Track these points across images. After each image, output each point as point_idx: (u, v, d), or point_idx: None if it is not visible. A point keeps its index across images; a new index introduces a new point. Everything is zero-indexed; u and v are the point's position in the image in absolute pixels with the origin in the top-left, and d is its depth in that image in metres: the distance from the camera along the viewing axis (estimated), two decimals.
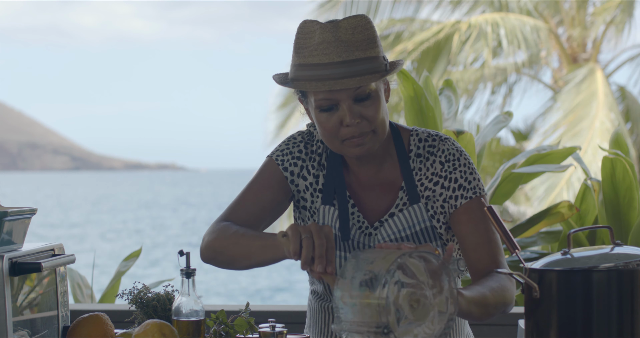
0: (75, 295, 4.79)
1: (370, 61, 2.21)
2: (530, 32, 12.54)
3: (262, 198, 2.40)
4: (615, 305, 2.01)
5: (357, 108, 2.23)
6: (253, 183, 2.43)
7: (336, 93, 2.22)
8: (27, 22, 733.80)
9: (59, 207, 63.07)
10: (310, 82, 2.20)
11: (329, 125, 2.26)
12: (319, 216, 2.40)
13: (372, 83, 2.23)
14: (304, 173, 2.42)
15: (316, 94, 2.24)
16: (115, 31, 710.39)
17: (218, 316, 2.46)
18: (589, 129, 11.76)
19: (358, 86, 2.21)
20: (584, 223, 4.46)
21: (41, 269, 2.36)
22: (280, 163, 2.42)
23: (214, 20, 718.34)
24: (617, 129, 4.50)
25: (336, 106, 2.24)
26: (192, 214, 56.32)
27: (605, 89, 12.33)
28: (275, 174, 2.42)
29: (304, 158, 2.43)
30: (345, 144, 2.27)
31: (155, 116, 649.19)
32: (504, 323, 3.73)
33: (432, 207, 2.36)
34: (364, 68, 2.20)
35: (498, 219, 2.25)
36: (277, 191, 2.41)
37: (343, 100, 2.23)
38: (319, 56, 2.20)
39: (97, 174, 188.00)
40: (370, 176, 2.40)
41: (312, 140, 2.45)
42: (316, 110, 2.27)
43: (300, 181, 2.42)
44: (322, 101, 2.24)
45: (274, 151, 2.46)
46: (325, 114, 2.25)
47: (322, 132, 2.29)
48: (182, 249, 2.44)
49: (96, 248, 32.40)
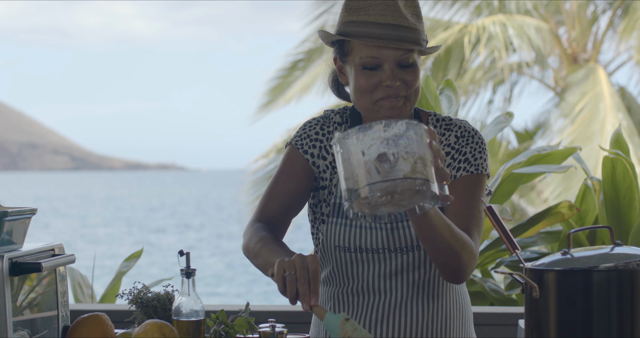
0: (75, 294, 4.79)
1: (418, 33, 2.33)
2: (535, 33, 12.55)
3: (289, 188, 2.47)
4: (615, 305, 2.01)
5: (398, 72, 2.33)
6: (278, 174, 2.50)
7: (384, 54, 2.31)
8: (28, 23, 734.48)
9: (59, 207, 63.07)
10: (364, 38, 2.30)
11: (368, 84, 2.34)
12: (339, 190, 2.45)
13: (414, 54, 2.34)
14: (322, 153, 2.49)
15: (363, 51, 2.33)
16: (117, 32, 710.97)
17: (218, 316, 2.46)
18: (601, 132, 11.73)
19: (406, 52, 2.32)
20: (584, 223, 4.46)
21: (41, 269, 2.36)
22: (300, 147, 2.49)
23: (216, 20, 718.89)
24: (617, 129, 4.50)
25: (380, 66, 2.33)
26: (192, 214, 56.32)
27: (610, 90, 12.32)
28: (298, 160, 2.49)
29: (322, 139, 2.49)
30: (377, 104, 2.36)
31: (156, 116, 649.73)
32: (504, 323, 3.73)
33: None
34: (413, 37, 2.31)
35: (498, 219, 2.25)
36: (302, 177, 2.48)
37: (388, 62, 2.32)
38: (375, 15, 2.30)
39: (97, 174, 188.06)
40: None
41: (329, 122, 2.52)
42: (358, 67, 2.35)
43: (320, 161, 2.49)
44: (369, 59, 2.32)
45: (293, 137, 2.53)
46: (367, 72, 2.34)
47: (358, 89, 2.37)
48: (182, 249, 2.45)
49: (96, 248, 32.39)
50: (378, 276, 2.41)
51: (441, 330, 2.44)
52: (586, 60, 13.53)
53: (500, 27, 12.34)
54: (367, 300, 2.43)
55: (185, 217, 53.73)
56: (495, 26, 12.34)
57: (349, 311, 2.44)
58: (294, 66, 13.33)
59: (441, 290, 2.44)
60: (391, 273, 2.40)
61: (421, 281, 2.41)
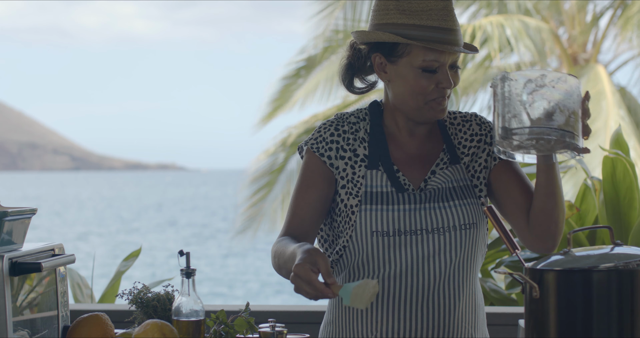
0: (75, 295, 4.79)
1: (461, 36, 2.48)
2: (534, 33, 12.54)
3: (311, 199, 2.50)
4: (615, 305, 2.01)
5: (450, 73, 2.45)
6: (300, 185, 2.53)
7: (444, 57, 2.42)
8: (28, 23, 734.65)
9: (59, 207, 63.09)
10: (432, 42, 2.41)
11: (428, 85, 2.43)
12: (367, 180, 2.48)
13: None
14: (340, 153, 2.52)
15: (427, 55, 2.42)
16: (117, 32, 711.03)
17: (218, 316, 2.46)
18: (604, 129, 11.73)
19: (458, 54, 2.45)
20: (584, 223, 4.46)
21: (41, 269, 2.37)
22: (316, 150, 2.52)
23: (216, 20, 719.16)
24: (618, 129, 4.50)
25: (437, 69, 2.44)
26: (192, 214, 56.33)
27: (612, 88, 12.32)
28: (316, 167, 2.52)
29: (337, 140, 2.52)
30: (428, 104, 2.45)
31: (156, 116, 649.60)
32: (504, 323, 3.73)
33: (473, 167, 2.53)
34: (461, 40, 2.45)
35: (498, 219, 2.26)
36: (324, 186, 2.51)
37: (445, 64, 2.43)
38: (439, 20, 2.42)
39: (97, 174, 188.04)
40: (416, 145, 2.55)
41: (343, 122, 2.56)
42: (417, 70, 2.43)
43: (339, 162, 2.52)
44: (431, 62, 2.42)
45: (308, 140, 2.55)
46: (427, 75, 2.43)
47: (414, 91, 2.45)
48: (182, 249, 2.45)
49: (96, 248, 32.41)
50: (416, 259, 2.44)
51: (472, 312, 2.49)
52: (586, 60, 13.53)
53: (498, 28, 12.34)
54: (402, 283, 2.44)
55: (186, 217, 53.74)
56: (493, 27, 12.34)
57: (383, 296, 2.45)
58: (297, 74, 13.30)
59: (471, 273, 2.49)
60: (428, 255, 2.44)
61: (455, 263, 2.45)
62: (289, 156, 12.81)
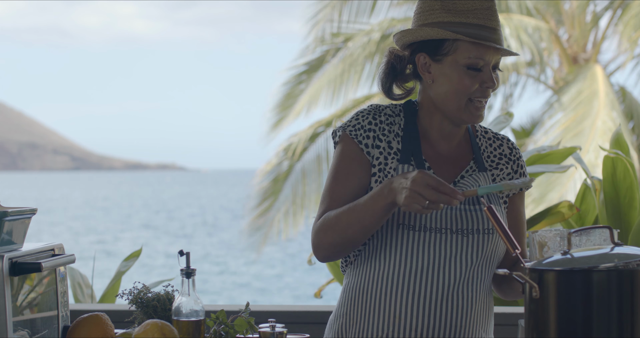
0: (75, 294, 4.79)
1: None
2: (533, 32, 12.54)
3: (348, 185, 2.51)
4: (615, 305, 2.01)
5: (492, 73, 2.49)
6: (336, 172, 2.53)
7: (489, 55, 2.46)
8: (29, 23, 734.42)
9: (59, 207, 63.09)
10: (480, 39, 2.44)
11: (472, 84, 2.46)
12: (398, 173, 2.49)
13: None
14: (376, 142, 2.53)
15: (472, 52, 2.45)
16: (117, 32, 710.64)
17: (218, 316, 2.46)
18: (590, 129, 11.74)
19: (500, 56, 2.49)
20: (584, 223, 4.45)
21: (41, 269, 2.36)
22: (355, 137, 2.53)
23: (216, 20, 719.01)
24: (618, 129, 4.49)
25: (481, 68, 2.46)
26: (192, 214, 56.33)
27: (607, 88, 12.31)
28: (353, 154, 2.53)
29: (374, 129, 2.54)
30: (468, 106, 2.48)
31: (156, 116, 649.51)
32: (504, 323, 3.73)
33: (496, 181, 2.58)
34: (502, 40, 2.50)
35: (498, 219, 2.26)
36: (361, 172, 2.52)
37: (489, 63, 2.47)
38: (485, 19, 2.46)
39: (97, 174, 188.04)
40: (447, 148, 2.57)
41: (379, 112, 2.56)
42: (462, 68, 2.46)
43: (375, 150, 2.53)
44: (477, 60, 2.46)
45: (346, 125, 2.55)
46: (472, 73, 2.46)
47: (458, 89, 2.47)
48: (182, 249, 2.45)
49: (96, 248, 32.41)
50: (438, 257, 2.45)
51: (486, 314, 2.52)
52: (586, 60, 13.53)
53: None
54: (422, 281, 2.45)
55: (185, 217, 53.75)
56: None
57: (402, 292, 2.45)
58: (298, 80, 13.29)
59: (488, 277, 2.52)
60: (450, 255, 2.45)
61: (475, 265, 2.47)
62: (293, 163, 12.82)
